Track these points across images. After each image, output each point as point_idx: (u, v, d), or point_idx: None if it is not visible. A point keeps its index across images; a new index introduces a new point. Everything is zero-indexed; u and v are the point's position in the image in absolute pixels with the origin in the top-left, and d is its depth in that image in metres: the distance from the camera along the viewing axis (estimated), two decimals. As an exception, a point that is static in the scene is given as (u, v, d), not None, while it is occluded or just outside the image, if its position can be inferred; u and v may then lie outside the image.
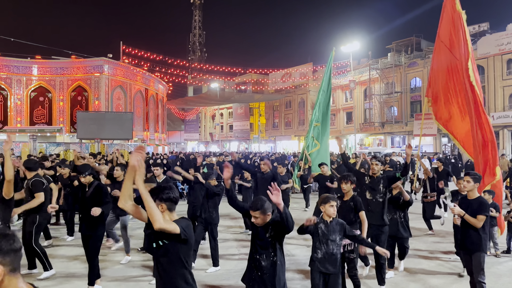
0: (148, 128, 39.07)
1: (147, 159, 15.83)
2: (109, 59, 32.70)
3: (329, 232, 4.25)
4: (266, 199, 3.68)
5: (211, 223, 6.83)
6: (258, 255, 3.68)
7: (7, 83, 30.68)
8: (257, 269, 3.68)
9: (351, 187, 5.23)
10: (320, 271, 4.22)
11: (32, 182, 6.06)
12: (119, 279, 6.19)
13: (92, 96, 31.79)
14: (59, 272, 6.38)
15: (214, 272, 6.45)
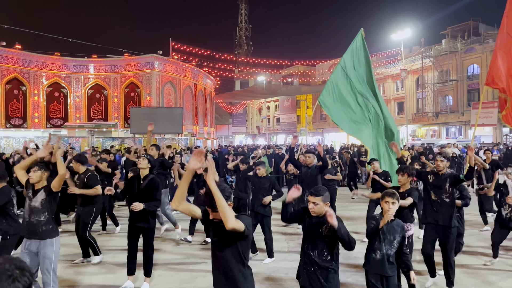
0: (197, 122, 39.96)
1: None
2: (159, 56, 33.72)
3: (389, 232, 4.02)
4: (327, 188, 3.68)
5: (264, 215, 6.88)
6: (311, 250, 3.61)
7: (66, 82, 32.56)
8: (311, 264, 3.60)
9: (408, 179, 5.09)
10: (378, 274, 4.01)
11: (88, 176, 6.39)
12: (173, 269, 6.40)
13: (144, 92, 32.98)
14: (108, 261, 6.72)
15: (266, 265, 6.51)
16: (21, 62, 30.09)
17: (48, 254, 4.50)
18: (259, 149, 23.54)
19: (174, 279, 5.91)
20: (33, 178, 4.61)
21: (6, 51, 29.00)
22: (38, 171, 4.60)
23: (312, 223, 3.61)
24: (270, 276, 5.96)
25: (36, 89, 30.95)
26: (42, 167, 4.68)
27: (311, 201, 3.54)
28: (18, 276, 1.36)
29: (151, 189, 5.45)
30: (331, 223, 3.36)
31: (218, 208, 2.79)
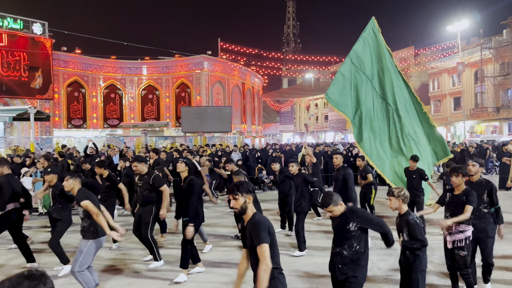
0: (246, 120, 40.34)
1: (227, 152, 16.34)
2: (208, 56, 34.40)
3: (404, 225, 4.17)
4: (332, 193, 3.79)
5: (300, 212, 7.01)
6: (339, 246, 3.72)
7: (122, 83, 34.10)
8: (340, 259, 3.71)
9: (462, 180, 4.80)
10: (400, 266, 4.24)
11: (153, 177, 6.52)
12: (207, 265, 6.51)
13: (194, 92, 33.80)
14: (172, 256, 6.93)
15: (303, 260, 6.57)
16: (81, 66, 31.90)
17: (81, 249, 4.92)
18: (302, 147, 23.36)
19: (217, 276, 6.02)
20: (66, 187, 5.03)
21: (67, 56, 30.87)
22: (70, 179, 4.98)
23: (338, 222, 3.78)
24: (308, 272, 5.91)
25: (94, 91, 32.69)
26: (73, 176, 5.06)
27: (327, 211, 3.76)
28: (44, 274, 1.52)
29: (189, 191, 5.71)
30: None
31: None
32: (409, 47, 45.73)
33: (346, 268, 3.68)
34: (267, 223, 3.11)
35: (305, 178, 7.19)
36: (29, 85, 27.07)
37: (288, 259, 6.65)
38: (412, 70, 44.92)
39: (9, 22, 25.90)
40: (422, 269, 4.06)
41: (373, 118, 8.76)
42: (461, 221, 4.63)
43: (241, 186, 3.17)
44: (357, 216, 3.67)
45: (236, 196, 3.13)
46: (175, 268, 6.11)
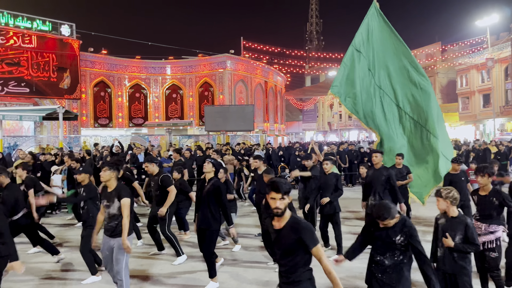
0: (268, 119, 40.31)
1: (252, 149, 16.34)
2: (231, 55, 34.52)
3: (448, 229, 3.92)
4: (389, 205, 3.51)
5: (331, 213, 6.82)
6: (380, 255, 3.53)
7: (146, 83, 34.64)
8: (379, 270, 3.54)
9: (489, 180, 4.64)
10: (441, 270, 3.96)
11: (161, 177, 6.64)
12: (244, 266, 6.53)
13: (217, 91, 33.99)
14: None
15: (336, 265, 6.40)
16: (107, 66, 32.57)
17: (119, 247, 4.81)
18: (323, 145, 23.16)
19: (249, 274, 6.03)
20: (103, 177, 4.93)
21: (94, 57, 31.58)
22: (108, 170, 4.90)
23: (385, 232, 3.55)
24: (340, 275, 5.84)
25: (120, 91, 33.34)
26: (112, 167, 4.97)
27: (382, 224, 3.50)
28: None
29: (215, 193, 5.53)
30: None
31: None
32: (436, 43, 44.63)
33: (386, 278, 3.50)
34: None
35: (338, 178, 6.94)
36: (58, 86, 27.83)
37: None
38: (439, 66, 43.84)
39: (38, 24, 26.69)
40: (470, 272, 3.95)
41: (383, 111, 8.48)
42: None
43: (287, 185, 3.00)
44: (407, 231, 3.47)
45: (285, 196, 2.95)
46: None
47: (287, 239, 2.99)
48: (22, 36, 25.76)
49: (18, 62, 25.64)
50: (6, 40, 25.05)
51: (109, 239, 4.91)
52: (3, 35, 24.90)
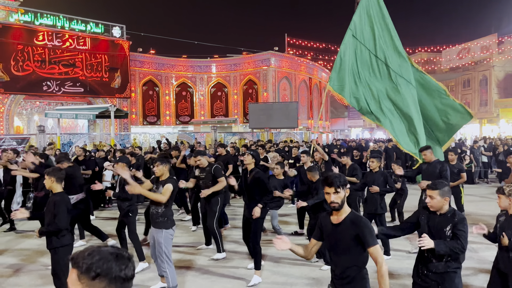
0: (312, 116, 39.90)
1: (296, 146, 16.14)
2: (275, 52, 34.46)
3: (506, 228, 3.77)
4: (444, 181, 3.45)
5: (382, 213, 6.64)
6: (429, 250, 3.37)
7: (192, 82, 35.39)
8: (426, 266, 3.42)
9: None
10: (496, 268, 3.87)
11: (214, 168, 6.78)
12: (290, 263, 6.50)
13: (261, 88, 34.09)
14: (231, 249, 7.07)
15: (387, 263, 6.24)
16: (155, 66, 33.61)
17: (159, 240, 4.99)
18: (370, 142, 22.58)
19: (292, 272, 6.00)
20: (157, 172, 5.14)
21: (142, 57, 32.69)
22: (160, 165, 5.08)
23: (435, 222, 3.41)
24: (392, 275, 5.66)
25: (167, 90, 34.29)
26: (163, 161, 5.15)
27: (429, 195, 3.37)
28: (131, 262, 1.45)
29: (257, 183, 5.66)
30: None
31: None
32: (491, 35, 42.14)
33: (433, 275, 3.37)
34: None
35: (386, 176, 6.75)
36: (109, 85, 29.09)
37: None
38: (495, 59, 41.37)
39: (92, 27, 27.99)
40: None
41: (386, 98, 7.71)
42: None
43: (341, 178, 2.96)
44: (457, 220, 3.31)
45: (339, 190, 2.91)
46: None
47: (345, 235, 2.94)
48: (77, 39, 27.15)
49: (73, 63, 27.05)
50: (63, 43, 26.50)
51: (154, 230, 5.10)
52: (59, 38, 26.35)
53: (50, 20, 26.05)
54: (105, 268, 1.36)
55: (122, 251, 1.45)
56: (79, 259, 1.38)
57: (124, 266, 1.40)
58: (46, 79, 25.91)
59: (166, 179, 5.09)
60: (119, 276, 1.38)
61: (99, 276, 1.35)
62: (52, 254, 4.68)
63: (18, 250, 7.49)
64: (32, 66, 25.24)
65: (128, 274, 1.41)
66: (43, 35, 25.61)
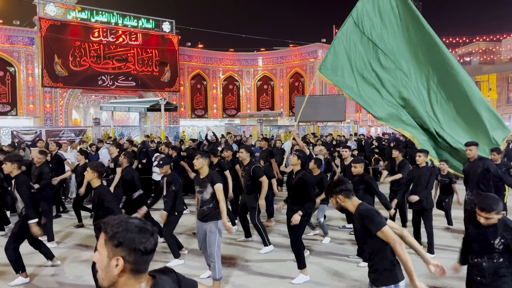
0: (360, 109, 38.94)
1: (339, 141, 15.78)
2: (322, 44, 33.91)
3: None
4: (496, 197, 3.20)
5: (428, 209, 6.48)
6: (477, 257, 3.25)
7: (239, 75, 35.68)
8: (478, 273, 3.26)
9: None
10: None
11: (253, 168, 6.75)
12: (334, 258, 6.42)
13: (308, 81, 33.73)
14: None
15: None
16: (203, 60, 34.20)
17: (209, 232, 5.10)
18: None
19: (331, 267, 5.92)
20: (196, 165, 5.20)
21: (191, 51, 33.36)
22: (200, 158, 5.15)
23: (481, 232, 3.26)
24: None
25: (214, 83, 34.82)
26: (203, 155, 5.23)
27: (484, 217, 3.15)
28: (154, 235, 1.56)
29: (301, 185, 5.52)
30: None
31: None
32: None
33: (485, 281, 3.23)
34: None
35: (431, 172, 6.54)
36: (159, 79, 29.99)
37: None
38: None
39: (143, 23, 28.93)
40: None
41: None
42: None
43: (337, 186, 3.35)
44: (509, 233, 3.13)
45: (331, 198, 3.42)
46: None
47: (358, 226, 3.24)
48: (129, 34, 28.18)
49: (126, 58, 28.13)
50: (116, 39, 27.61)
51: (201, 223, 5.19)
52: (113, 34, 27.48)
53: (105, 17, 27.22)
54: (127, 238, 1.49)
55: (147, 226, 1.55)
56: (108, 226, 1.53)
57: (145, 239, 1.51)
58: (101, 73, 27.16)
59: (208, 175, 5.15)
60: (139, 248, 1.49)
61: (121, 245, 1.49)
62: None
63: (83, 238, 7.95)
64: (88, 62, 26.54)
65: (148, 247, 1.52)
66: (98, 32, 26.82)
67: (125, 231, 1.50)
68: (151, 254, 1.54)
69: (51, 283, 5.62)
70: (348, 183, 3.32)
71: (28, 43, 24.72)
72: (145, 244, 1.51)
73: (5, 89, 24.26)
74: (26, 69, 24.73)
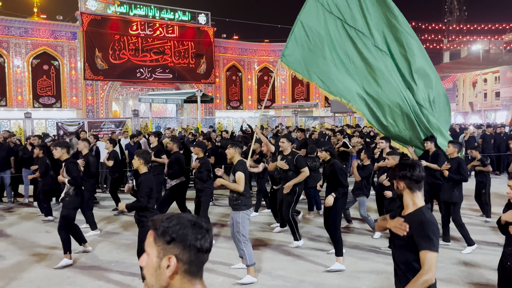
0: (399, 99, 37.89)
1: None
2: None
3: None
4: None
5: (456, 202, 6.34)
6: (509, 246, 3.32)
7: (274, 66, 35.50)
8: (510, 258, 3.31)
9: None
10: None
11: (296, 158, 6.70)
12: (351, 247, 6.31)
13: (344, 71, 33.11)
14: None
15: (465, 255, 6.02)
16: (238, 51, 34.27)
17: (237, 220, 5.24)
18: (470, 126, 20.78)
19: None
20: (228, 154, 5.41)
21: (226, 42, 33.50)
22: (231, 148, 5.35)
23: None
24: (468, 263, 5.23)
25: (249, 75, 34.85)
26: (234, 145, 5.40)
27: (509, 185, 3.31)
28: (210, 233, 1.40)
29: (333, 174, 5.75)
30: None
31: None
32: None
33: None
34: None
35: (460, 163, 6.36)
36: (195, 71, 30.34)
37: (449, 253, 6.06)
38: None
39: (179, 15, 29.29)
40: None
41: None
42: None
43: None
44: None
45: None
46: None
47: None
48: (166, 27, 28.63)
49: (163, 51, 28.63)
50: (153, 31, 28.13)
51: (232, 212, 5.39)
52: (151, 27, 28.01)
53: (143, 10, 27.77)
54: (180, 233, 1.33)
55: (201, 221, 1.39)
56: (158, 222, 1.37)
57: (200, 235, 1.35)
58: (139, 66, 27.80)
59: (236, 164, 5.29)
60: (194, 245, 1.34)
61: (174, 240, 1.33)
62: (139, 229, 5.17)
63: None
64: (127, 55, 27.21)
65: (204, 245, 1.36)
66: (136, 25, 27.42)
67: (177, 225, 1.35)
68: (207, 253, 1.38)
69: (92, 267, 5.86)
70: (420, 172, 2.72)
71: (71, 37, 25.65)
72: (201, 240, 1.35)
73: (50, 82, 25.35)
74: (69, 63, 25.70)
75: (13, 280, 5.46)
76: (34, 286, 5.28)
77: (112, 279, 5.42)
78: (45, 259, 6.20)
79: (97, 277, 5.51)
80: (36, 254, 6.47)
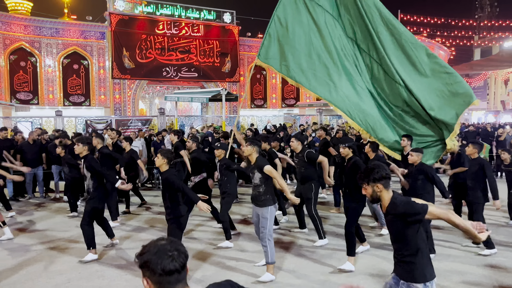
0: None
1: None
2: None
3: None
4: None
5: (476, 203, 6.18)
6: None
7: (298, 64, 35.33)
8: None
9: None
10: None
11: (306, 153, 6.68)
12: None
13: (370, 69, 32.61)
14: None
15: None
16: (262, 50, 34.24)
17: (263, 216, 5.25)
18: (507, 125, 20.08)
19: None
20: (245, 152, 5.41)
21: (251, 41, 33.52)
22: (249, 146, 5.35)
23: None
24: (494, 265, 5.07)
25: (273, 73, 34.76)
26: (251, 143, 5.37)
27: None
28: (176, 257, 1.60)
29: (353, 171, 5.63)
30: None
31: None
32: None
33: None
34: None
35: (483, 165, 6.20)
36: (220, 70, 30.55)
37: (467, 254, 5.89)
38: None
39: (205, 14, 29.54)
40: None
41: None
42: None
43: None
44: None
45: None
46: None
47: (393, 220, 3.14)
48: (191, 26, 28.93)
49: (188, 50, 28.95)
50: (179, 31, 28.48)
51: (256, 208, 5.40)
52: (177, 26, 28.36)
53: (169, 10, 28.15)
54: (145, 259, 1.62)
55: (169, 247, 1.62)
56: (142, 247, 1.70)
57: (161, 260, 1.59)
58: (165, 65, 28.21)
59: (258, 161, 5.29)
60: (155, 269, 1.59)
61: (142, 265, 1.64)
62: (168, 224, 5.27)
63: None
64: (154, 54, 27.66)
65: (167, 268, 1.57)
66: (163, 25, 27.82)
67: (146, 252, 1.63)
68: (175, 274, 1.60)
69: (120, 261, 6.00)
70: (388, 170, 3.03)
71: (100, 37, 26.28)
72: (162, 264, 1.58)
73: (80, 81, 26.06)
74: (98, 62, 26.34)
75: (43, 271, 5.66)
76: (64, 278, 5.45)
77: (139, 273, 5.52)
78: (74, 253, 6.39)
79: (124, 271, 5.64)
80: (65, 248, 6.68)
